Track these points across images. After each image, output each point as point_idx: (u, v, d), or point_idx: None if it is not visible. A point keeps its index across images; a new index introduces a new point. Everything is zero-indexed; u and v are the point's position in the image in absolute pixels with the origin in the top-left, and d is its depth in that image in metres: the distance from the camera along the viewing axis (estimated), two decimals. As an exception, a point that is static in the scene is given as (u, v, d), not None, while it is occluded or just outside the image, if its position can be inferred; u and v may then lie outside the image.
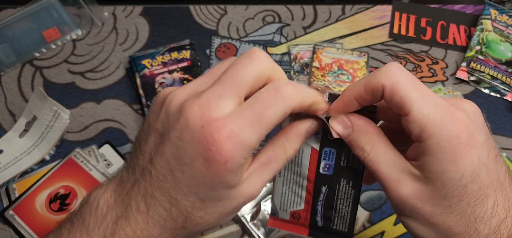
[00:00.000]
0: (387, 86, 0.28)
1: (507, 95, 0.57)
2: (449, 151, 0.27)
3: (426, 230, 0.30)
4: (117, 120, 0.55)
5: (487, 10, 0.63)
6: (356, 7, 0.66)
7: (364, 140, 0.30)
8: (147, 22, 0.64)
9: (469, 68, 0.59)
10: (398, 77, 0.28)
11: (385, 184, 0.30)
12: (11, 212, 0.47)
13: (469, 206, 0.29)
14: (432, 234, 0.30)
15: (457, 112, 0.28)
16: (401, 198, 0.29)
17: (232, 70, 0.28)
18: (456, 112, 0.28)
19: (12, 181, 0.50)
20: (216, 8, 0.65)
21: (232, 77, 0.28)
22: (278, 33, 0.63)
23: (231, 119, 0.26)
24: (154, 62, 0.58)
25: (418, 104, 0.28)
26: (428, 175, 0.29)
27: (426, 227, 0.30)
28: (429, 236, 0.30)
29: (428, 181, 0.29)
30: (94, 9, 0.63)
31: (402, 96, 0.28)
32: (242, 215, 0.48)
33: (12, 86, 0.58)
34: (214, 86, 0.28)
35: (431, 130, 0.27)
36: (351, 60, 0.59)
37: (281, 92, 0.27)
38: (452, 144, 0.27)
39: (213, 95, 0.27)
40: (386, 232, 0.48)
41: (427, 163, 0.28)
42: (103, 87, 0.58)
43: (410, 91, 0.28)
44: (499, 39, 0.61)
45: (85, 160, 0.50)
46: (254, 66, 0.28)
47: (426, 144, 0.28)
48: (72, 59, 0.60)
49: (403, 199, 0.29)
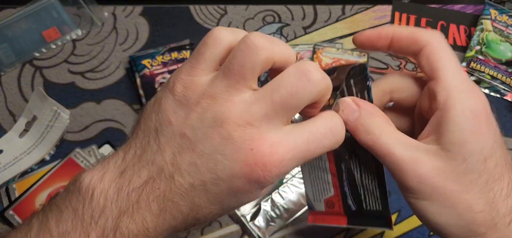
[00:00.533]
0: (431, 44, 0.30)
1: (507, 95, 0.57)
2: (472, 122, 0.28)
3: (445, 212, 0.29)
4: (117, 120, 0.55)
5: (487, 10, 0.63)
6: (356, 7, 0.66)
7: (372, 123, 0.30)
8: (147, 22, 0.64)
9: (469, 68, 0.59)
10: (442, 42, 0.30)
11: (400, 166, 0.29)
12: (11, 212, 0.47)
13: (488, 183, 0.28)
14: (451, 216, 0.29)
15: (479, 91, 0.29)
16: (421, 177, 0.28)
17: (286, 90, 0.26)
18: (479, 91, 0.29)
19: (12, 181, 0.50)
20: (216, 8, 0.65)
21: (285, 99, 0.26)
22: (278, 33, 0.63)
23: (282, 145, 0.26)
24: (154, 62, 0.58)
25: (451, 72, 0.29)
26: (448, 147, 0.28)
27: (445, 208, 0.29)
28: (446, 220, 0.29)
29: (448, 156, 0.28)
30: (94, 9, 0.63)
31: (441, 59, 0.30)
32: (242, 215, 0.48)
33: (12, 86, 0.58)
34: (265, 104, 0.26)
35: (457, 98, 0.29)
36: (351, 60, 0.59)
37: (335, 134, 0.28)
38: (475, 115, 0.28)
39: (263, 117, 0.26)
40: (386, 232, 0.48)
41: (449, 133, 0.28)
42: (103, 87, 0.58)
43: (448, 58, 0.30)
44: (499, 39, 0.61)
45: (85, 160, 0.50)
46: (311, 91, 0.26)
47: (450, 113, 0.28)
48: (72, 59, 0.60)
49: (423, 178, 0.28)
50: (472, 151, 0.28)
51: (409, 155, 0.29)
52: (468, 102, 0.28)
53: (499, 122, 0.30)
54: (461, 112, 0.28)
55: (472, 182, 0.28)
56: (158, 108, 0.28)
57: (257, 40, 0.26)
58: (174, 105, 0.27)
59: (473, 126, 0.28)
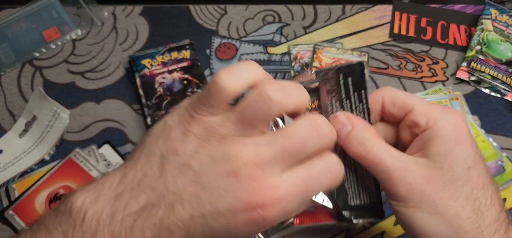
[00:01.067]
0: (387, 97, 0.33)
1: (507, 95, 0.57)
2: (454, 133, 0.31)
3: (433, 219, 0.30)
4: (117, 120, 0.55)
5: (488, 10, 0.63)
6: (356, 7, 0.66)
7: (365, 136, 0.31)
8: (147, 22, 0.63)
9: (469, 68, 0.59)
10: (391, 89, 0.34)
11: (391, 174, 0.30)
12: (10, 212, 0.47)
13: (473, 191, 0.30)
14: (439, 223, 0.30)
15: (454, 109, 0.32)
16: (410, 184, 0.30)
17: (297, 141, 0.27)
18: (454, 109, 0.32)
19: (12, 181, 0.50)
20: (216, 8, 0.65)
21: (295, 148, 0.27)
22: (278, 33, 0.63)
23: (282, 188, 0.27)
24: (154, 62, 0.57)
25: (418, 102, 0.32)
26: (435, 158, 0.30)
27: (434, 215, 0.30)
28: (434, 227, 0.30)
29: (435, 165, 0.30)
30: (94, 9, 0.63)
31: (402, 98, 0.33)
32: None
33: (12, 86, 0.58)
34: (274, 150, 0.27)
35: (436, 117, 0.31)
36: (351, 60, 0.59)
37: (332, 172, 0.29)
38: (457, 128, 0.31)
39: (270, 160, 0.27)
40: (386, 232, 0.48)
41: (434, 146, 0.30)
42: (103, 87, 0.58)
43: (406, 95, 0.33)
44: (499, 39, 0.61)
45: (85, 160, 0.50)
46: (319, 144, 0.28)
47: (433, 129, 0.31)
48: (72, 59, 0.60)
49: (412, 185, 0.30)
50: (456, 159, 0.30)
51: (400, 165, 0.31)
52: (448, 118, 0.31)
53: (499, 122, 0.31)
54: (444, 126, 0.31)
55: (458, 189, 0.30)
56: (167, 135, 0.28)
57: (272, 93, 0.27)
58: (184, 136, 0.27)
59: (456, 137, 0.30)
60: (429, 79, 0.59)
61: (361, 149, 0.31)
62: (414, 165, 0.31)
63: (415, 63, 0.61)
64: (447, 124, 0.31)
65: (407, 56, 0.61)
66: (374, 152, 0.31)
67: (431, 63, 0.61)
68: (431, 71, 0.60)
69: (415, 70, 0.60)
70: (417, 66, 0.60)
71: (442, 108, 0.32)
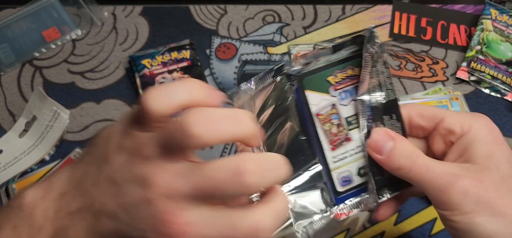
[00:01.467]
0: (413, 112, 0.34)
1: (507, 95, 0.57)
2: (491, 135, 0.31)
3: (494, 222, 0.29)
4: (116, 120, 0.55)
5: (488, 10, 0.63)
6: (356, 7, 0.66)
7: (408, 148, 0.31)
8: (147, 22, 0.63)
9: (469, 68, 0.59)
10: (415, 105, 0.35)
11: (441, 181, 0.30)
12: (10, 212, 0.47)
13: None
14: (500, 225, 0.29)
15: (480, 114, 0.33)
16: (464, 188, 0.29)
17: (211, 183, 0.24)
18: (479, 114, 0.33)
19: (12, 181, 0.50)
20: (216, 8, 0.65)
21: (207, 190, 0.24)
22: (278, 33, 0.63)
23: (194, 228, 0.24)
24: (154, 62, 0.57)
25: (447, 111, 0.33)
26: (481, 161, 0.30)
27: (493, 217, 0.29)
28: (496, 228, 0.29)
29: (482, 168, 0.30)
30: (94, 9, 0.63)
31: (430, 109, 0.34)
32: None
33: (12, 86, 0.58)
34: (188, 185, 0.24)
35: (470, 122, 0.32)
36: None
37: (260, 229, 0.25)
38: (491, 130, 0.32)
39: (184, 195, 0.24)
40: (386, 232, 0.48)
41: (476, 149, 0.31)
42: (103, 87, 0.58)
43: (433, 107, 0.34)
44: (499, 39, 0.61)
45: (84, 160, 0.50)
46: (238, 192, 0.24)
47: (470, 134, 0.31)
48: (72, 59, 0.60)
49: (465, 189, 0.29)
50: (501, 159, 0.30)
51: (449, 171, 0.30)
52: (481, 121, 0.32)
53: (499, 122, 0.32)
54: (480, 129, 0.31)
55: (510, 187, 0.30)
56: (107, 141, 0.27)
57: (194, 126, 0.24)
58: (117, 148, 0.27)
59: (494, 139, 0.31)
60: (429, 79, 0.59)
61: (408, 161, 0.31)
62: (462, 170, 0.30)
63: (415, 63, 0.61)
64: (482, 127, 0.31)
65: (407, 56, 0.61)
66: (421, 162, 0.31)
67: (431, 63, 0.61)
68: (431, 71, 0.60)
69: (415, 70, 0.60)
70: (417, 66, 0.60)
71: (472, 114, 0.33)
